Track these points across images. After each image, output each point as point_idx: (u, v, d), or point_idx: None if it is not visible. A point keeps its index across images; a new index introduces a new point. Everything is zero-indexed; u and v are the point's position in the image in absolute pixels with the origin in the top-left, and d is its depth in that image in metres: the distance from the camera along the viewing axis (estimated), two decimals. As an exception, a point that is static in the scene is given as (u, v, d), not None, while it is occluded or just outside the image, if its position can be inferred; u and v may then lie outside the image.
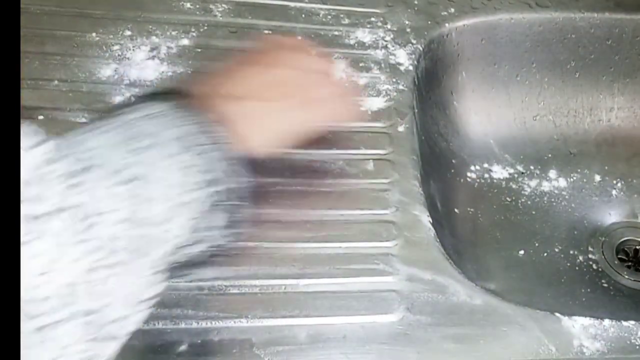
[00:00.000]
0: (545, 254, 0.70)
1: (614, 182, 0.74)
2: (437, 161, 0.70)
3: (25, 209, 0.31)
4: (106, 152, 0.37)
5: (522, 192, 0.73)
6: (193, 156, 0.40)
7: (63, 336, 0.32)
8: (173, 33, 0.64)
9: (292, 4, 0.68)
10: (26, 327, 0.31)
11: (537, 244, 0.70)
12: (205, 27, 0.65)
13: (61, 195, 0.33)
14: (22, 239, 0.30)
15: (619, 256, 0.71)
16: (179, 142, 0.40)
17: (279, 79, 0.50)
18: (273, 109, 0.49)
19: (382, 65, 0.65)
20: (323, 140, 0.57)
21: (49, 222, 0.32)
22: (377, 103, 0.63)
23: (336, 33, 0.67)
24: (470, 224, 0.70)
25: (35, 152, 0.33)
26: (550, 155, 0.75)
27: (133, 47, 0.63)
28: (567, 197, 0.73)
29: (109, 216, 0.34)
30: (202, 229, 0.42)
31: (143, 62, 0.62)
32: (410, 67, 0.66)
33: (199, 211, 0.41)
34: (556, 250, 0.70)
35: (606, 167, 0.75)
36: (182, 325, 0.49)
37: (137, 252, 0.36)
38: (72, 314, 0.32)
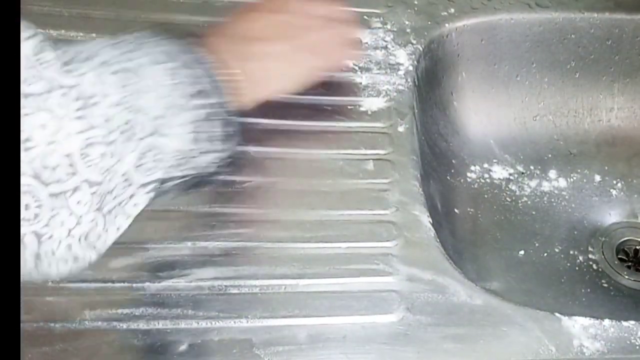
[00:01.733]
0: (545, 254, 0.70)
1: (614, 182, 0.74)
2: (437, 161, 0.70)
3: (23, 89, 0.34)
4: (98, 50, 0.40)
5: (522, 192, 0.73)
6: (182, 68, 0.43)
7: (76, 205, 0.36)
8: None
9: (292, 4, 0.68)
10: (43, 192, 0.35)
11: (537, 244, 0.70)
12: (206, 26, 0.65)
13: (55, 77, 0.36)
14: (23, 111, 0.34)
15: (619, 256, 0.71)
16: (169, 58, 0.42)
17: (282, 23, 0.53)
18: (276, 52, 0.52)
19: (382, 65, 0.65)
20: (322, 86, 0.60)
21: (46, 99, 0.35)
22: (377, 103, 0.63)
23: (336, 33, 0.67)
24: (470, 224, 0.70)
25: (29, 43, 0.35)
26: (550, 155, 0.75)
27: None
28: (567, 197, 0.73)
29: (101, 99, 0.37)
30: (203, 140, 0.43)
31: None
32: (410, 67, 0.66)
33: (194, 119, 0.42)
34: (556, 250, 0.70)
35: (606, 167, 0.75)
36: (182, 325, 0.49)
37: (129, 132, 0.39)
38: (78, 183, 0.36)
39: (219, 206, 0.55)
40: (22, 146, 0.33)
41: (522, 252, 0.69)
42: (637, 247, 0.72)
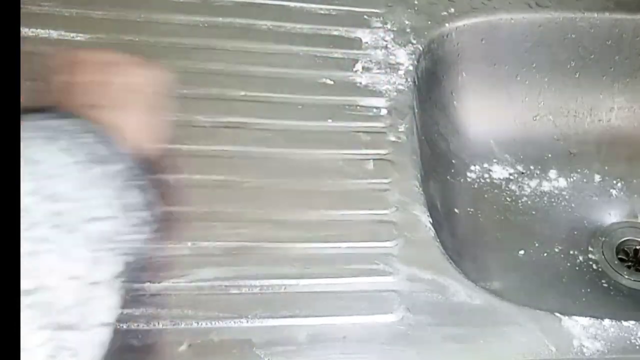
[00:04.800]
0: (545, 254, 0.70)
1: (614, 182, 0.74)
2: (437, 161, 0.70)
3: None
4: None
5: (522, 192, 0.73)
6: (72, 142, 0.37)
7: None
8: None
9: (292, 4, 0.68)
10: None
11: (537, 244, 0.70)
12: (206, 26, 0.65)
13: None
14: None
15: (619, 256, 0.71)
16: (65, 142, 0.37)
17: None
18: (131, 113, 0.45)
19: (382, 65, 0.65)
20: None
21: None
22: (377, 103, 0.63)
23: (336, 33, 0.67)
24: (470, 224, 0.70)
25: None
26: (550, 155, 0.75)
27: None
28: (567, 197, 0.73)
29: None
30: (132, 212, 0.38)
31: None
32: (410, 67, 0.66)
33: (114, 192, 0.37)
34: (556, 250, 0.70)
35: (606, 167, 0.75)
36: (182, 325, 0.49)
37: (61, 228, 0.32)
38: None
39: (219, 206, 0.55)
40: None
41: (522, 252, 0.69)
42: (637, 247, 0.72)
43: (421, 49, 0.68)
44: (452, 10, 0.70)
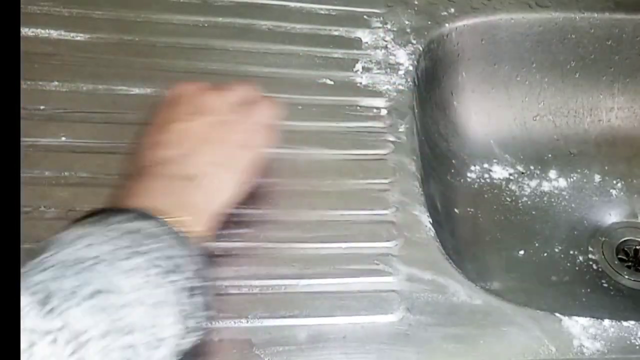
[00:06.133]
0: (545, 254, 0.70)
1: (614, 182, 0.74)
2: (437, 161, 0.70)
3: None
4: (64, 270, 0.36)
5: (522, 192, 0.73)
6: (145, 255, 0.39)
7: None
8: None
9: (292, 4, 0.68)
10: None
11: (537, 244, 0.70)
12: (206, 26, 0.65)
13: (38, 325, 0.32)
14: None
15: (619, 256, 0.71)
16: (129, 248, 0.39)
17: (202, 127, 0.48)
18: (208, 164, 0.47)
19: (382, 65, 0.65)
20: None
21: (36, 350, 0.31)
22: (377, 103, 0.63)
23: (336, 33, 0.67)
24: (470, 224, 0.70)
25: None
26: (550, 155, 0.75)
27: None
28: (567, 197, 0.73)
29: (93, 331, 0.34)
30: (191, 317, 0.41)
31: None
32: (410, 67, 0.66)
33: (177, 305, 0.40)
34: (556, 250, 0.70)
35: (606, 167, 0.75)
36: (182, 325, 0.49)
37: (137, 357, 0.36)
38: None
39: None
40: None
41: (522, 252, 0.69)
42: (637, 247, 0.72)
43: (421, 49, 0.68)
44: (452, 10, 0.70)
